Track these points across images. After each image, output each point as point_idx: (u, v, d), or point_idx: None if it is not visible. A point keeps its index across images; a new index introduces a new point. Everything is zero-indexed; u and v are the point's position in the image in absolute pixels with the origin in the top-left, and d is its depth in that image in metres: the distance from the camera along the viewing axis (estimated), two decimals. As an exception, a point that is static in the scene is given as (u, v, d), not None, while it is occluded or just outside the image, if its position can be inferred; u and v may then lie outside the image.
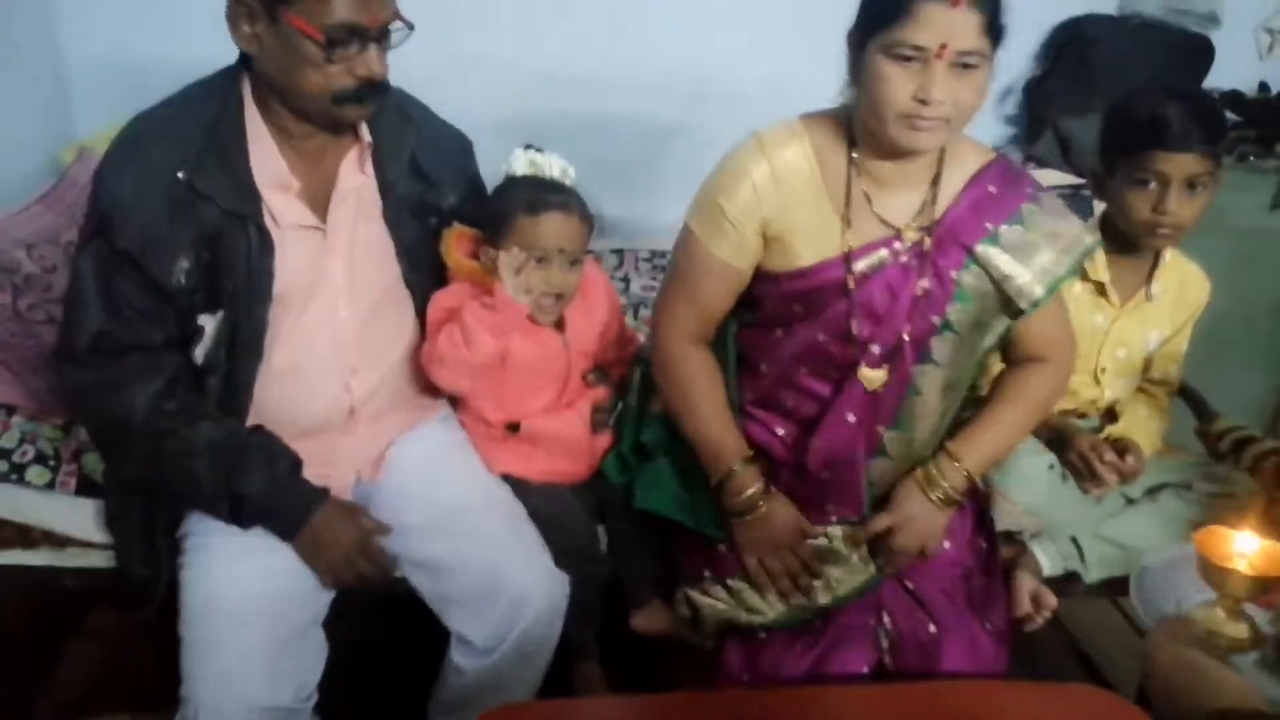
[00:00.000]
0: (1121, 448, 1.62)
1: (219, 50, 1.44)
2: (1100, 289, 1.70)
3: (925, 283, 1.40)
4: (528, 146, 1.60)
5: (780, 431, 1.52)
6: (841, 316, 1.42)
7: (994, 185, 1.41)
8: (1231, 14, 2.77)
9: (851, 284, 1.40)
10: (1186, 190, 1.58)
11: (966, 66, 1.25)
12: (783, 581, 1.47)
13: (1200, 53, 2.71)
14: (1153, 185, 1.59)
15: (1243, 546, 0.81)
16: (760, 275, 1.46)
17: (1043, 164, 2.66)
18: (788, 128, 1.42)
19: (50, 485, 1.61)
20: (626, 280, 2.64)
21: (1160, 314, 1.73)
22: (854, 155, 1.39)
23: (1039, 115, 2.73)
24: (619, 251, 2.72)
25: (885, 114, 1.28)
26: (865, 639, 1.45)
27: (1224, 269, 2.19)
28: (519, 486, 1.61)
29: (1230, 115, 2.73)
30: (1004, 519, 1.60)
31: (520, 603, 1.47)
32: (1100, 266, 1.69)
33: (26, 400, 1.77)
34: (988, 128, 2.94)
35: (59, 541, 1.57)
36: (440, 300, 1.56)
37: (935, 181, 1.40)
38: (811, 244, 1.40)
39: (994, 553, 1.57)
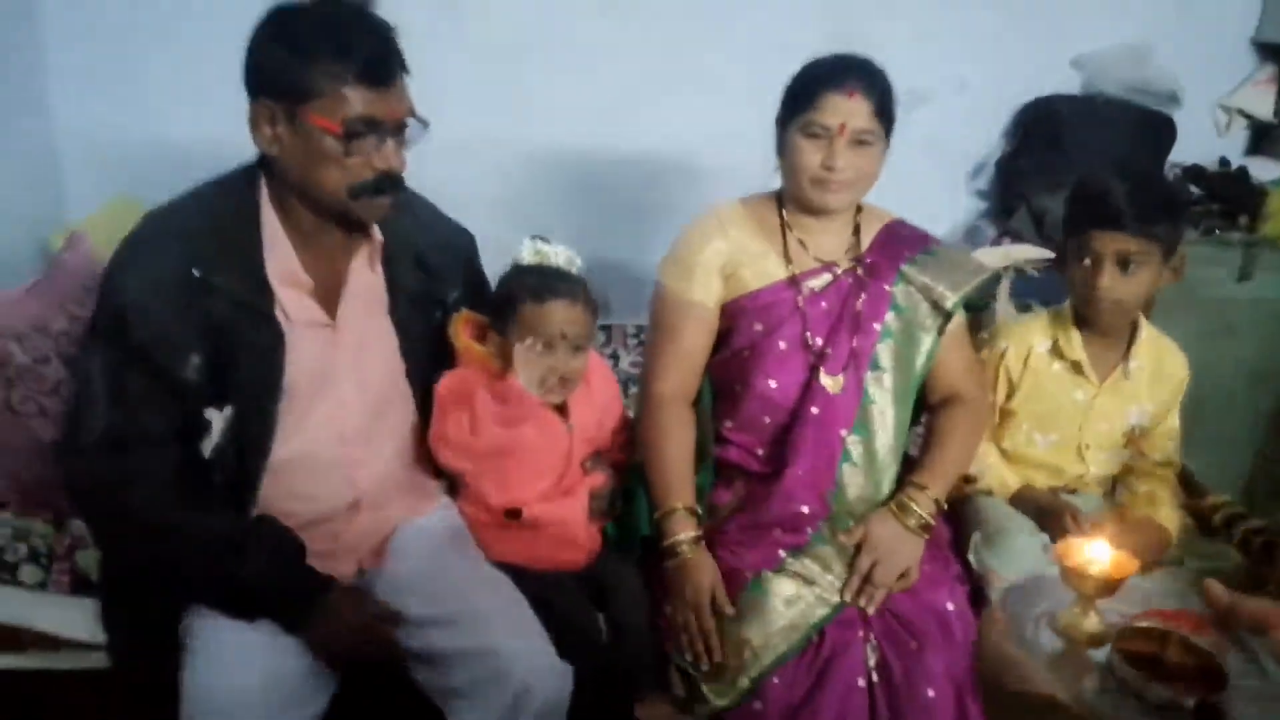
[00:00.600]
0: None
1: (208, 131, 1.46)
2: (1077, 367, 1.75)
3: (864, 295, 1.69)
4: (534, 237, 1.64)
5: (759, 451, 1.71)
6: (798, 329, 1.68)
7: (904, 230, 1.77)
8: (1192, 92, 2.87)
9: (801, 301, 1.68)
10: (1118, 267, 1.65)
11: (862, 143, 1.59)
12: (688, 635, 1.54)
13: (1164, 129, 2.80)
14: (1088, 261, 1.67)
15: (1095, 553, 0.94)
16: (725, 312, 1.73)
17: (1018, 238, 2.73)
18: (730, 202, 1.77)
19: (43, 585, 1.60)
20: (615, 357, 2.67)
21: (1139, 390, 1.78)
22: (784, 215, 1.72)
23: (1013, 191, 2.80)
24: (607, 327, 2.74)
25: (801, 179, 1.63)
26: (858, 652, 1.53)
27: (1197, 341, 2.24)
28: (519, 575, 1.60)
29: (1194, 189, 2.84)
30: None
31: (525, 694, 1.46)
32: (1075, 345, 1.75)
33: (17, 495, 1.76)
34: (961, 202, 3.03)
35: (53, 644, 1.55)
36: (448, 382, 1.58)
37: (856, 232, 1.74)
38: (760, 276, 1.70)
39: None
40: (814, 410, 1.66)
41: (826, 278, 1.70)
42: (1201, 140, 2.92)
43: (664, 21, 2.72)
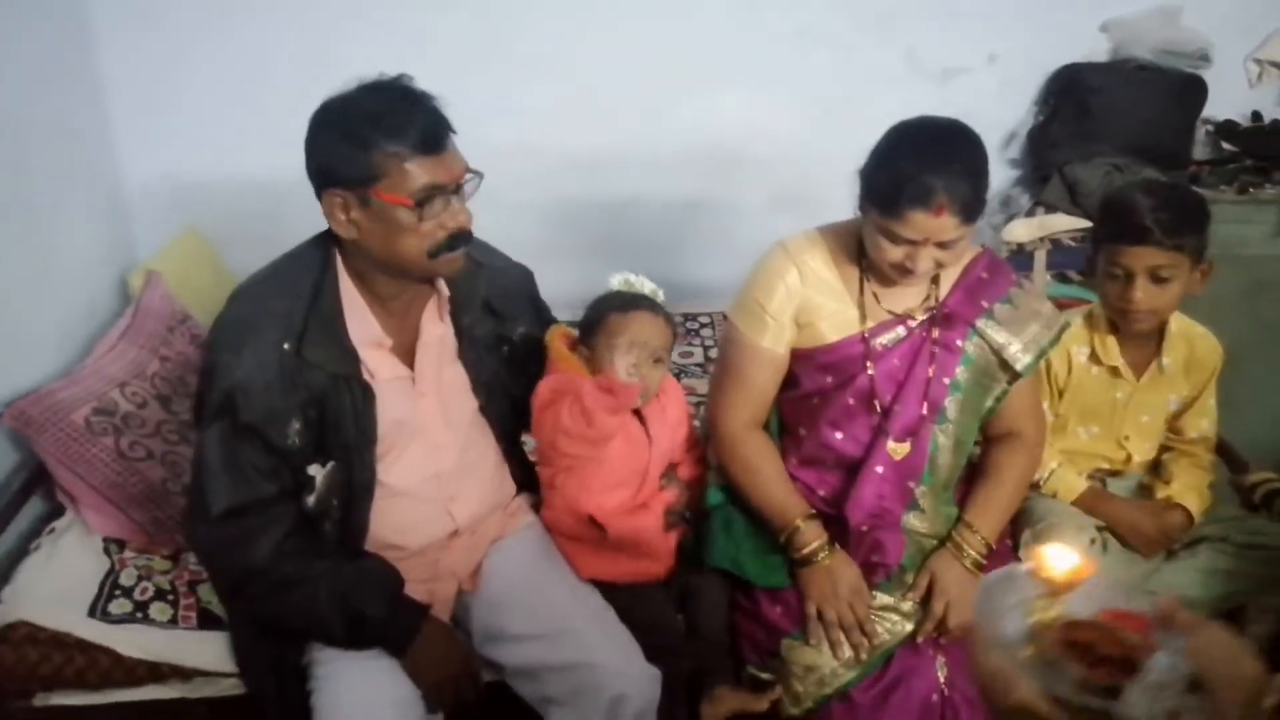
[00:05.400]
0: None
1: (268, 165, 1.51)
2: (1115, 371, 1.82)
3: (936, 350, 1.65)
4: (622, 273, 1.76)
5: (822, 492, 1.73)
6: (866, 385, 1.66)
7: (984, 272, 1.69)
8: (1223, 47, 2.87)
9: (872, 358, 1.65)
10: (1151, 281, 1.69)
11: (945, 246, 1.50)
12: (834, 631, 1.62)
13: (1192, 90, 2.81)
14: (1120, 275, 1.71)
15: (1060, 560, 0.99)
16: (795, 355, 1.71)
17: (1052, 209, 2.77)
18: (808, 238, 1.70)
19: (173, 621, 1.74)
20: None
21: (1175, 381, 1.85)
22: (864, 260, 1.64)
23: (1046, 160, 2.83)
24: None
25: (881, 264, 1.57)
26: (930, 671, 1.61)
27: (1237, 299, 2.27)
28: (606, 589, 1.73)
29: (1226, 145, 2.87)
30: (1047, 593, 1.72)
31: (620, 701, 1.59)
32: (1113, 352, 1.81)
33: (134, 534, 1.91)
34: (994, 171, 3.04)
35: (186, 674, 1.69)
36: (547, 384, 1.68)
37: (935, 279, 1.66)
38: (835, 327, 1.67)
39: None
40: (879, 470, 1.67)
41: (899, 332, 1.66)
42: (1234, 95, 2.93)
43: (697, 15, 2.77)
